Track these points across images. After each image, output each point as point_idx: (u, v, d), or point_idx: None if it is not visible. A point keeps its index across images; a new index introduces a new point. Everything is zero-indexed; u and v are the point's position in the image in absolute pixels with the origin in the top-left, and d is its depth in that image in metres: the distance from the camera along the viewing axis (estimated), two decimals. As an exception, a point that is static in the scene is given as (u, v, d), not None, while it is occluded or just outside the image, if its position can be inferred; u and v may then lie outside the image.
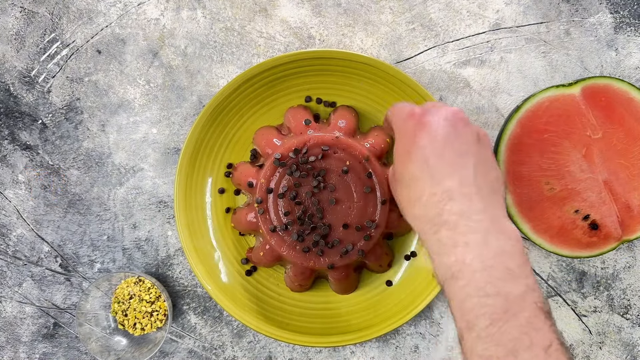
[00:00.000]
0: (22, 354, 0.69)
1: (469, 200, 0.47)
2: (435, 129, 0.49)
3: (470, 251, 0.45)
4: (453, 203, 0.46)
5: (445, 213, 0.46)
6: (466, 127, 0.50)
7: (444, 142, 0.48)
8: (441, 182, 0.47)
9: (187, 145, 0.65)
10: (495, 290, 0.43)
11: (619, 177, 0.63)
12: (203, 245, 0.66)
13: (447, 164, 0.48)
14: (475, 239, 0.45)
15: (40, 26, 0.68)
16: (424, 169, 0.48)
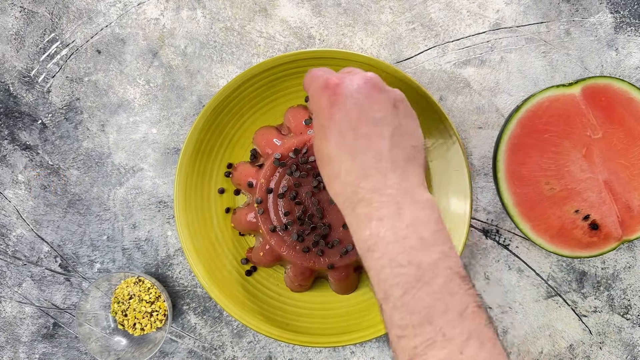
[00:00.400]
0: (21, 354, 0.69)
1: (383, 175, 0.46)
2: (350, 101, 0.48)
3: (384, 224, 0.45)
4: (368, 180, 0.46)
5: (360, 191, 0.46)
6: (381, 93, 0.49)
7: (358, 113, 0.48)
8: (357, 158, 0.47)
9: (187, 145, 0.65)
10: (408, 259, 0.44)
11: (619, 177, 0.63)
12: (203, 245, 0.66)
13: (363, 136, 0.47)
14: (388, 212, 0.45)
15: (40, 26, 0.68)
16: (340, 145, 0.48)
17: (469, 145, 0.68)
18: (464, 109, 0.68)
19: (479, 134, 0.68)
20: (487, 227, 0.68)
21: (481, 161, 0.68)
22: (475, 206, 0.68)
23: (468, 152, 0.68)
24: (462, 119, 0.68)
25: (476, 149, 0.68)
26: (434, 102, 0.64)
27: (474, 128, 0.68)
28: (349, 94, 0.48)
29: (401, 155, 0.48)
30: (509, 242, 0.68)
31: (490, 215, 0.68)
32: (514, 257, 0.68)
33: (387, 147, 0.48)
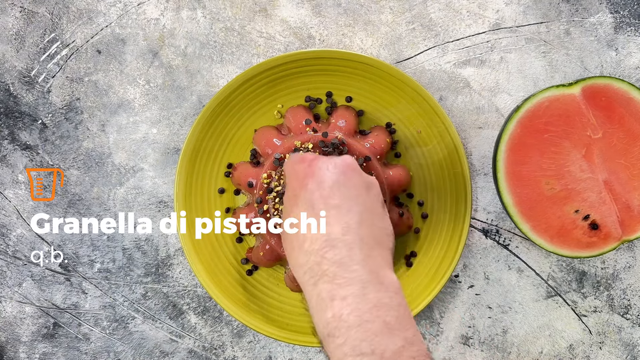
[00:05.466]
0: (22, 354, 0.69)
1: (350, 249, 0.45)
2: (324, 174, 0.48)
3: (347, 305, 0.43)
4: (334, 251, 0.45)
5: (324, 262, 0.45)
6: (355, 174, 0.50)
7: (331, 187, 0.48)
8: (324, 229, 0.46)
9: (187, 145, 0.65)
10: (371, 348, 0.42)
11: (619, 177, 0.63)
12: (203, 245, 0.66)
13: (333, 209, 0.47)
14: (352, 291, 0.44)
15: (40, 26, 0.68)
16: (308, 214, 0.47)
17: (469, 145, 0.68)
18: (463, 109, 0.68)
19: (479, 134, 0.68)
20: (487, 227, 0.68)
21: (481, 161, 0.68)
22: (475, 206, 0.68)
23: (468, 152, 0.68)
24: (462, 119, 0.68)
25: (476, 149, 0.68)
26: (434, 102, 0.64)
27: (474, 128, 0.68)
28: (325, 167, 0.49)
29: (369, 234, 0.47)
30: (509, 242, 0.68)
31: (490, 215, 0.68)
32: (514, 257, 0.68)
33: (356, 222, 0.47)
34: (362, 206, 0.48)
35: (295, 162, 0.51)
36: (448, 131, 0.64)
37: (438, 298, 0.68)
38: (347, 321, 0.43)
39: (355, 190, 0.48)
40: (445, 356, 0.68)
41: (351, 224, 0.47)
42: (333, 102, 0.66)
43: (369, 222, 0.48)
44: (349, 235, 0.46)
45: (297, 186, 0.49)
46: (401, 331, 0.43)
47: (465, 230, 0.64)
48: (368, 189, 0.50)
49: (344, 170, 0.49)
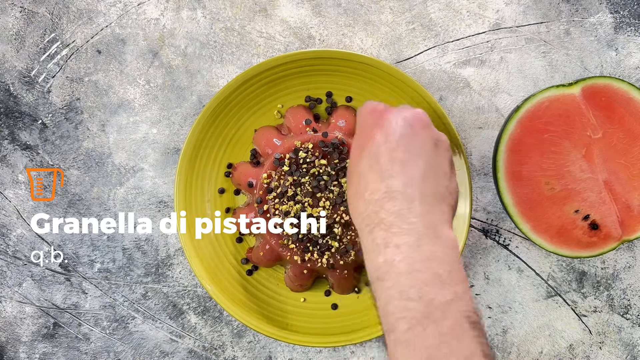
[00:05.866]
0: (22, 354, 0.69)
1: (410, 202, 0.45)
2: (393, 127, 0.48)
3: (400, 253, 0.44)
4: (393, 202, 0.45)
5: (382, 212, 0.45)
6: (424, 129, 0.49)
7: (398, 140, 0.48)
8: (386, 180, 0.46)
9: (187, 145, 0.65)
10: (419, 294, 0.42)
11: (619, 177, 0.63)
12: (203, 245, 0.66)
13: (398, 162, 0.47)
14: (407, 241, 0.44)
15: (40, 26, 0.68)
16: (373, 165, 0.48)
17: (469, 145, 0.68)
18: (463, 109, 0.68)
19: (478, 134, 0.68)
20: (487, 227, 0.68)
21: (481, 161, 0.68)
22: (475, 206, 0.68)
23: (468, 152, 0.68)
24: (462, 119, 0.68)
25: (476, 149, 0.68)
26: (434, 102, 0.64)
27: (474, 128, 0.68)
28: (394, 120, 0.49)
29: (431, 190, 0.47)
30: (509, 242, 0.68)
31: (490, 215, 0.68)
32: (514, 257, 0.68)
33: (419, 177, 0.47)
34: (428, 161, 0.48)
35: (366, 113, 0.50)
36: (448, 131, 0.64)
37: (438, 298, 0.68)
38: (398, 267, 0.43)
39: (422, 145, 0.48)
40: (445, 356, 0.68)
41: (414, 178, 0.46)
42: (333, 102, 0.66)
43: (433, 177, 0.48)
44: (410, 189, 0.46)
45: (365, 136, 0.49)
46: (451, 285, 0.43)
47: (466, 230, 0.64)
48: (436, 145, 0.49)
49: (413, 124, 0.49)
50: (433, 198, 0.47)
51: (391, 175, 0.46)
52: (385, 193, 0.46)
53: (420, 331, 0.42)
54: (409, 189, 0.46)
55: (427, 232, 0.45)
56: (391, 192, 0.46)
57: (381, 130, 0.48)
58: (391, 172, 0.47)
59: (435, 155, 0.49)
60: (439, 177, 0.48)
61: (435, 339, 0.41)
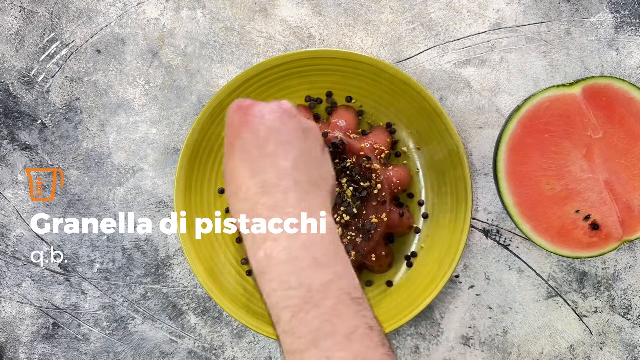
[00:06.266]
0: (21, 354, 0.69)
1: (284, 194, 0.46)
2: (259, 121, 0.48)
3: (277, 244, 0.44)
4: (267, 196, 0.46)
5: (259, 207, 0.45)
6: (291, 119, 0.49)
7: (266, 133, 0.48)
8: (259, 174, 0.46)
9: (187, 145, 0.65)
10: (298, 281, 0.43)
11: (620, 177, 0.63)
12: (203, 245, 0.66)
13: (268, 156, 0.47)
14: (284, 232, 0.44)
15: (40, 26, 0.68)
16: (244, 161, 0.47)
17: (469, 145, 0.68)
18: (464, 109, 0.68)
19: (479, 134, 0.68)
20: (487, 227, 0.68)
21: (481, 161, 0.68)
22: (475, 206, 0.68)
23: (468, 152, 0.68)
24: (462, 119, 0.68)
25: (476, 149, 0.68)
26: (434, 102, 0.64)
27: (474, 128, 0.68)
28: (260, 115, 0.48)
29: (305, 178, 0.47)
30: (509, 242, 0.68)
31: (490, 215, 0.68)
32: (514, 257, 0.68)
33: (291, 167, 0.47)
34: (298, 150, 0.48)
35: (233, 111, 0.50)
36: (448, 131, 0.64)
37: (438, 298, 0.68)
38: (277, 258, 0.44)
39: (291, 135, 0.48)
40: (446, 356, 0.68)
41: (286, 169, 0.47)
42: (333, 102, 0.66)
43: (305, 166, 0.48)
44: (283, 180, 0.46)
45: (233, 135, 0.49)
46: (330, 266, 0.44)
47: (466, 231, 0.64)
48: (305, 133, 0.49)
49: (280, 116, 0.49)
50: (307, 186, 0.47)
51: (263, 169, 0.47)
52: (260, 188, 0.46)
53: (303, 316, 0.42)
54: (282, 181, 0.46)
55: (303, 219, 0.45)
56: (265, 186, 0.46)
57: (248, 127, 0.48)
58: (263, 167, 0.47)
59: (305, 143, 0.49)
60: (311, 164, 0.49)
61: (317, 320, 0.42)
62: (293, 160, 0.47)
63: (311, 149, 0.49)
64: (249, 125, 0.48)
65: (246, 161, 0.47)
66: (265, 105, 0.49)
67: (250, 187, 0.46)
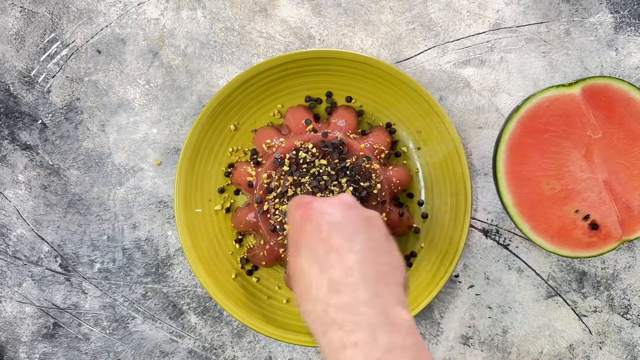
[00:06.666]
0: (22, 354, 0.69)
1: (354, 291, 0.43)
2: (321, 216, 0.47)
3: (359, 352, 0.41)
4: (338, 296, 0.43)
5: (331, 309, 0.43)
6: (352, 209, 0.48)
7: (329, 227, 0.46)
8: (326, 272, 0.45)
9: (187, 145, 0.65)
10: None
11: (619, 177, 0.63)
12: (203, 245, 0.66)
13: (334, 251, 0.45)
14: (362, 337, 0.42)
15: (40, 26, 0.68)
16: (310, 259, 0.46)
17: (469, 145, 0.68)
18: (464, 109, 0.68)
19: (479, 134, 0.68)
20: (487, 227, 0.68)
21: (481, 161, 0.68)
22: (475, 206, 0.68)
23: (468, 152, 0.68)
24: (462, 119, 0.68)
25: (476, 149, 0.68)
26: (434, 102, 0.64)
27: (474, 128, 0.68)
28: (322, 209, 0.47)
29: (374, 272, 0.45)
30: (509, 242, 0.68)
31: (490, 215, 0.68)
32: (514, 257, 0.68)
33: (358, 262, 0.45)
34: (364, 243, 0.46)
35: (294, 208, 0.49)
36: (448, 131, 0.64)
37: (438, 298, 0.68)
38: None
39: (355, 228, 0.47)
40: (445, 356, 0.68)
41: (354, 265, 0.45)
42: (333, 102, 0.66)
43: (373, 259, 0.46)
44: (352, 276, 0.44)
45: (297, 232, 0.48)
46: None
47: (465, 230, 0.64)
48: (369, 224, 0.48)
49: (342, 209, 0.48)
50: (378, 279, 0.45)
51: (330, 265, 0.45)
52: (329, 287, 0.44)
53: None
54: (350, 277, 0.44)
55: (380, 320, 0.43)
56: (334, 284, 0.44)
57: (311, 222, 0.47)
58: (330, 263, 0.45)
59: (370, 234, 0.47)
60: (379, 255, 0.47)
61: None
62: (360, 253, 0.45)
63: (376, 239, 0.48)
64: (311, 220, 0.47)
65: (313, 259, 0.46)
66: (325, 199, 0.48)
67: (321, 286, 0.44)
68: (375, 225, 0.49)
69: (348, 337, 0.42)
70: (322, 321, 0.44)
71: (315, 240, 0.46)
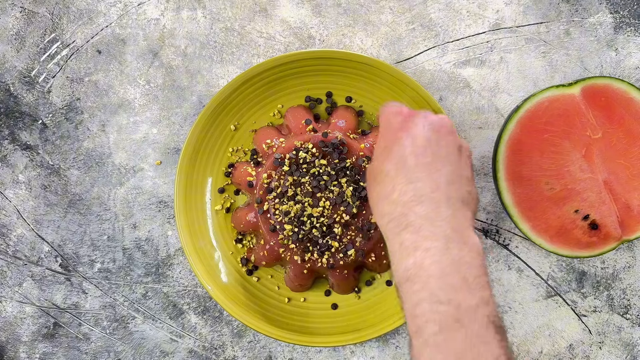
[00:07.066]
0: (22, 353, 0.69)
1: (437, 205, 0.46)
2: (419, 131, 0.49)
3: (429, 256, 0.44)
4: (421, 206, 0.46)
5: (411, 214, 0.46)
6: (449, 135, 0.50)
7: (424, 144, 0.49)
8: (413, 183, 0.47)
9: (187, 145, 0.65)
10: (448, 298, 0.43)
11: (619, 177, 0.63)
12: (203, 245, 0.66)
13: (424, 166, 0.48)
14: (436, 244, 0.45)
15: (41, 26, 0.68)
16: (399, 167, 0.48)
17: (469, 145, 0.68)
18: (463, 109, 0.68)
19: (478, 134, 0.68)
20: (487, 227, 0.68)
21: (481, 161, 0.68)
22: (475, 206, 0.68)
23: (468, 152, 0.68)
24: (462, 119, 0.68)
25: (476, 149, 0.68)
26: (434, 102, 0.64)
27: (474, 128, 0.68)
28: (420, 124, 0.50)
29: (456, 194, 0.48)
30: (509, 242, 0.68)
31: (490, 215, 0.68)
32: (514, 257, 0.68)
33: (445, 181, 0.48)
34: (452, 166, 0.49)
35: (391, 114, 0.51)
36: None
37: (438, 298, 0.68)
38: (427, 270, 0.44)
39: (447, 150, 0.49)
40: (445, 356, 0.68)
41: (440, 183, 0.47)
42: (333, 102, 0.66)
43: (457, 182, 0.49)
44: (437, 193, 0.47)
45: (390, 138, 0.50)
46: (478, 290, 0.44)
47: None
48: (460, 151, 0.50)
49: (439, 129, 0.50)
50: (458, 202, 0.48)
51: (419, 178, 0.47)
52: (414, 196, 0.47)
53: (449, 334, 0.42)
54: (435, 193, 0.47)
55: (455, 236, 0.45)
56: (419, 195, 0.47)
57: (407, 134, 0.49)
58: (418, 176, 0.47)
59: (459, 160, 0.50)
60: (462, 182, 0.49)
61: (463, 342, 0.42)
62: (448, 175, 0.48)
63: (463, 167, 0.50)
64: (409, 132, 0.49)
65: (403, 167, 0.48)
66: (427, 116, 0.50)
67: (405, 192, 0.47)
68: (465, 154, 0.51)
69: (422, 242, 0.45)
70: (398, 222, 0.47)
71: (407, 152, 0.48)
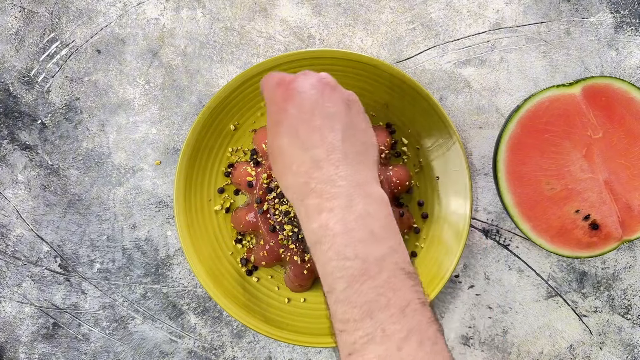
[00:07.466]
0: (21, 354, 0.69)
1: (335, 167, 0.46)
2: (303, 96, 0.49)
3: (333, 215, 0.45)
4: (320, 171, 0.46)
5: (312, 182, 0.46)
6: (333, 91, 0.50)
7: (311, 108, 0.48)
8: (309, 150, 0.47)
9: (187, 145, 0.65)
10: (355, 252, 0.43)
11: (620, 177, 0.63)
12: (203, 245, 0.66)
13: (315, 130, 0.48)
14: (339, 203, 0.45)
15: (40, 26, 0.68)
16: (293, 138, 0.48)
17: (469, 145, 0.68)
18: (464, 109, 0.68)
19: (479, 134, 0.68)
20: (487, 227, 0.68)
21: (481, 161, 0.68)
22: (475, 206, 0.68)
23: (468, 152, 0.68)
24: (462, 119, 0.68)
25: (476, 149, 0.68)
26: (434, 102, 0.64)
27: (474, 128, 0.68)
28: (302, 89, 0.49)
29: (353, 149, 0.48)
30: (509, 242, 0.68)
31: (490, 215, 0.68)
32: (514, 257, 0.68)
33: (339, 140, 0.47)
34: (344, 122, 0.48)
35: (273, 86, 0.51)
36: (448, 131, 0.64)
37: (438, 298, 0.68)
38: (332, 229, 0.44)
39: (335, 109, 0.49)
40: (446, 356, 0.68)
41: (335, 143, 0.47)
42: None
43: (352, 137, 0.48)
44: (333, 154, 0.47)
45: (277, 111, 0.49)
46: (385, 240, 0.44)
47: (466, 231, 0.64)
48: (348, 105, 0.50)
49: (322, 88, 0.49)
50: (356, 157, 0.48)
51: (313, 144, 0.47)
52: (312, 163, 0.47)
53: (358, 287, 0.43)
54: (332, 155, 0.47)
55: (357, 192, 0.46)
56: (317, 161, 0.47)
57: (292, 102, 0.49)
58: (312, 142, 0.47)
59: (348, 113, 0.49)
60: (357, 135, 0.49)
61: (372, 292, 0.43)
62: (340, 132, 0.48)
63: (355, 119, 0.50)
64: (293, 100, 0.49)
65: (295, 138, 0.48)
66: (306, 79, 0.50)
67: (302, 162, 0.47)
68: (354, 106, 0.51)
69: (325, 204, 0.45)
70: (302, 192, 0.47)
71: (297, 120, 0.48)
